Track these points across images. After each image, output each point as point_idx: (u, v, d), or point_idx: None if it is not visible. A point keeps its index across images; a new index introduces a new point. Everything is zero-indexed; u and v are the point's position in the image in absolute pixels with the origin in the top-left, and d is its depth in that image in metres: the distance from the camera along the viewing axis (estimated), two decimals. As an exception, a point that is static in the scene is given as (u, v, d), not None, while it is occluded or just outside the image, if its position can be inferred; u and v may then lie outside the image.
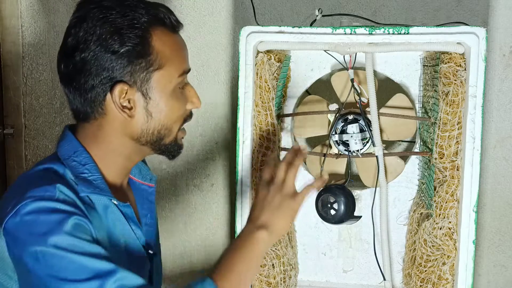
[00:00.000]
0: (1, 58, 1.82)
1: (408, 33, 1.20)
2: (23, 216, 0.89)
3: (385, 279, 1.39)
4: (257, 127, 1.29)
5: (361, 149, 1.34)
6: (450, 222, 1.22)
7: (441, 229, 1.22)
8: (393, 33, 1.21)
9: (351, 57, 1.30)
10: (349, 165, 1.40)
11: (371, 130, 1.31)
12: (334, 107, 1.37)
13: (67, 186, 0.94)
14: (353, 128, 1.33)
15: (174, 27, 1.02)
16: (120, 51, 0.95)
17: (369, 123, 1.32)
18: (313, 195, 1.39)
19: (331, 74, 1.41)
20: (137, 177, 1.16)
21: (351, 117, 1.34)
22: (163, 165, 1.84)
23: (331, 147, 1.38)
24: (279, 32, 1.25)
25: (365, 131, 1.33)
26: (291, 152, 1.12)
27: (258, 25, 1.27)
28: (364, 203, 1.43)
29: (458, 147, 1.21)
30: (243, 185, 1.29)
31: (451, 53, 1.20)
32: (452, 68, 1.20)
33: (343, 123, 1.34)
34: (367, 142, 1.34)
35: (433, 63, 1.29)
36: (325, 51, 1.33)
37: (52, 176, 0.97)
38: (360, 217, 1.37)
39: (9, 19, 1.80)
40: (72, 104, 1.01)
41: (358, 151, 1.34)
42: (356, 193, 1.41)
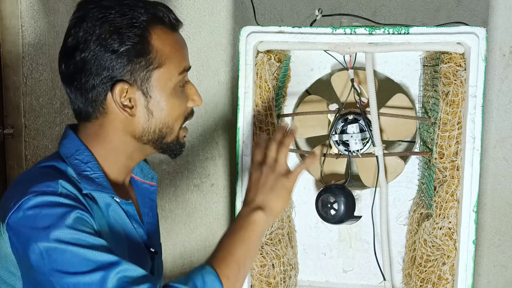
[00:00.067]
0: (1, 58, 1.82)
1: (408, 33, 1.20)
2: (26, 210, 0.90)
3: (385, 279, 1.39)
4: (257, 127, 1.29)
5: (361, 149, 1.34)
6: (450, 222, 1.22)
7: (441, 229, 1.22)
8: (393, 33, 1.21)
9: (351, 57, 1.30)
10: (349, 165, 1.40)
11: (371, 130, 1.31)
12: (334, 107, 1.37)
13: (69, 182, 0.95)
14: (353, 128, 1.33)
15: (173, 25, 1.02)
16: (119, 50, 0.95)
17: (369, 123, 1.32)
18: (313, 195, 1.40)
19: (331, 74, 1.41)
20: (139, 176, 1.17)
21: (351, 117, 1.34)
22: (163, 165, 1.84)
23: (331, 147, 1.38)
24: (279, 32, 1.25)
25: (365, 131, 1.33)
26: (280, 131, 1.11)
27: (258, 25, 1.27)
28: (364, 203, 1.43)
29: (458, 147, 1.21)
30: (243, 185, 1.29)
31: (451, 53, 1.20)
32: (452, 68, 1.20)
33: (343, 123, 1.34)
34: (367, 142, 1.34)
35: (433, 63, 1.29)
36: (325, 51, 1.33)
37: (54, 172, 0.97)
38: (360, 217, 1.37)
39: (9, 19, 1.80)
40: (73, 104, 1.02)
41: (358, 151, 1.34)
42: (356, 193, 1.41)
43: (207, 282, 0.91)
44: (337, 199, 1.30)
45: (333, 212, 1.31)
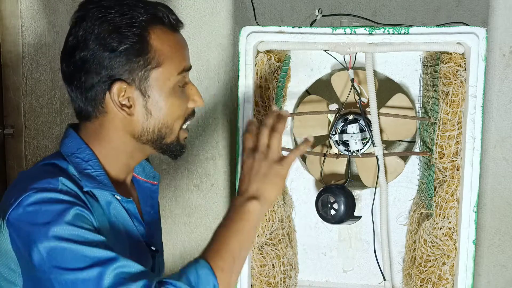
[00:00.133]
0: (1, 58, 1.82)
1: (408, 33, 1.20)
2: (26, 207, 0.90)
3: (385, 279, 1.39)
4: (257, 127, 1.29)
5: (361, 149, 1.34)
6: (450, 222, 1.22)
7: (441, 229, 1.22)
8: (393, 33, 1.20)
9: (351, 57, 1.30)
10: (349, 165, 1.40)
11: (371, 130, 1.31)
12: (334, 107, 1.37)
13: (69, 179, 0.95)
14: (353, 128, 1.33)
15: (173, 26, 1.02)
16: (118, 50, 0.96)
17: (369, 123, 1.32)
18: (313, 195, 1.40)
19: (331, 74, 1.41)
20: (141, 175, 1.17)
21: (351, 117, 1.34)
22: (163, 165, 1.84)
23: (331, 147, 1.38)
24: (279, 32, 1.25)
25: (365, 131, 1.33)
26: (271, 115, 1.07)
27: (258, 25, 1.27)
28: (364, 203, 1.43)
29: (458, 147, 1.21)
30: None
31: (451, 53, 1.20)
32: (452, 68, 1.20)
33: (343, 123, 1.34)
34: (367, 142, 1.34)
35: (433, 63, 1.29)
36: (325, 51, 1.33)
37: (54, 170, 0.98)
38: (360, 217, 1.37)
39: (9, 19, 1.80)
40: (74, 103, 1.03)
41: (358, 151, 1.34)
42: (356, 193, 1.41)
43: (201, 275, 0.90)
44: (337, 199, 1.30)
45: (333, 212, 1.31)
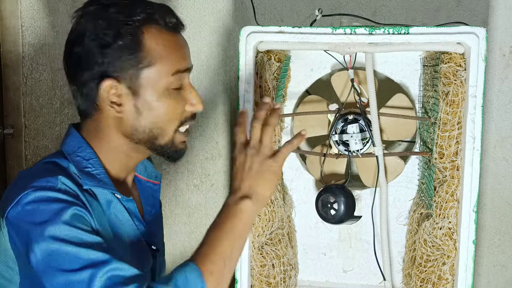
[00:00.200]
0: (1, 58, 1.82)
1: (408, 33, 1.20)
2: (24, 205, 0.90)
3: (385, 279, 1.39)
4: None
5: (361, 149, 1.34)
6: (450, 222, 1.22)
7: (441, 229, 1.22)
8: (393, 33, 1.20)
9: (351, 57, 1.30)
10: (349, 165, 1.40)
11: (371, 130, 1.31)
12: (334, 107, 1.37)
13: (69, 178, 0.95)
14: (353, 128, 1.33)
15: (171, 26, 1.01)
16: (110, 46, 0.96)
17: (369, 123, 1.32)
18: (313, 195, 1.40)
19: (331, 74, 1.41)
20: (143, 175, 1.17)
21: (351, 117, 1.34)
22: (163, 165, 1.84)
23: (331, 147, 1.38)
24: (279, 32, 1.25)
25: (365, 131, 1.33)
26: (262, 108, 1.01)
27: (258, 25, 1.27)
28: (364, 203, 1.43)
29: (458, 147, 1.21)
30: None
31: (451, 53, 1.20)
32: (452, 68, 1.20)
33: (343, 123, 1.34)
34: (367, 142, 1.34)
35: (433, 63, 1.29)
36: (325, 51, 1.33)
37: (54, 168, 0.98)
38: (360, 217, 1.37)
39: (9, 19, 1.80)
40: (75, 100, 1.03)
41: (358, 151, 1.34)
42: (356, 193, 1.41)
43: (189, 279, 0.87)
44: (337, 199, 1.30)
45: (333, 212, 1.31)
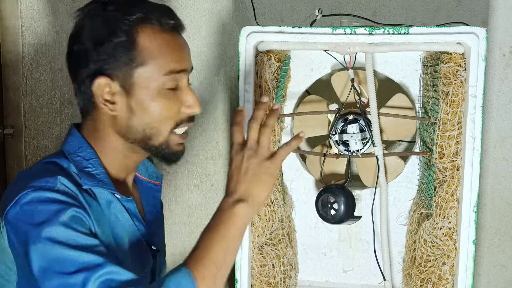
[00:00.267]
0: (1, 58, 1.82)
1: (408, 33, 1.20)
2: (23, 205, 0.90)
3: (385, 279, 1.39)
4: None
5: (361, 149, 1.34)
6: (450, 222, 1.22)
7: (441, 229, 1.22)
8: (393, 33, 1.20)
9: (351, 57, 1.29)
10: (349, 165, 1.40)
11: (371, 130, 1.31)
12: (334, 107, 1.37)
13: (69, 178, 0.95)
14: (353, 128, 1.33)
15: (168, 27, 1.01)
16: (105, 44, 0.96)
17: (369, 123, 1.32)
18: (313, 195, 1.39)
19: (331, 74, 1.41)
20: (144, 175, 1.18)
21: (351, 117, 1.34)
22: (163, 165, 1.84)
23: (331, 147, 1.38)
24: (279, 32, 1.25)
25: (365, 131, 1.33)
26: (261, 108, 1.00)
27: (258, 25, 1.27)
28: (364, 203, 1.43)
29: (458, 147, 1.21)
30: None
31: (451, 53, 1.20)
32: (452, 68, 1.20)
33: (343, 123, 1.34)
34: (367, 142, 1.34)
35: (433, 63, 1.29)
36: (325, 51, 1.33)
37: (54, 168, 0.98)
38: (360, 217, 1.37)
39: (9, 19, 1.80)
40: (76, 99, 1.04)
41: (358, 151, 1.34)
42: (356, 193, 1.41)
43: (182, 284, 0.86)
44: (337, 199, 1.30)
45: (333, 212, 1.31)
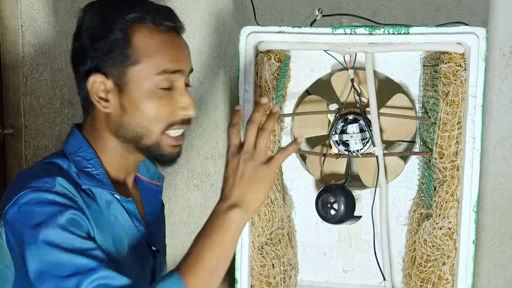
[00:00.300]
0: (1, 58, 1.82)
1: (408, 33, 1.20)
2: (21, 206, 0.90)
3: (385, 279, 1.39)
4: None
5: (361, 149, 1.34)
6: (450, 222, 1.22)
7: (441, 229, 1.22)
8: (393, 33, 1.20)
9: (351, 57, 1.30)
10: (349, 165, 1.40)
11: (371, 130, 1.31)
12: (334, 107, 1.37)
13: (68, 179, 0.95)
14: (353, 128, 1.33)
15: (165, 27, 1.00)
16: (101, 41, 0.97)
17: (369, 123, 1.32)
18: (313, 195, 1.39)
19: (331, 74, 1.41)
20: (145, 176, 1.18)
21: (351, 117, 1.34)
22: (163, 165, 1.84)
23: (331, 147, 1.38)
24: (279, 32, 1.25)
25: (365, 131, 1.33)
26: (259, 110, 0.98)
27: (258, 25, 1.27)
28: (364, 203, 1.43)
29: (458, 147, 1.21)
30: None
31: (451, 53, 1.20)
32: (452, 68, 1.20)
33: (343, 123, 1.34)
34: (367, 142, 1.34)
35: (433, 63, 1.29)
36: (325, 51, 1.33)
37: (54, 169, 0.98)
38: (360, 217, 1.37)
39: (9, 19, 1.80)
40: (79, 98, 1.04)
41: (358, 151, 1.34)
42: (356, 193, 1.41)
43: None
44: (337, 199, 1.30)
45: (333, 212, 1.31)
